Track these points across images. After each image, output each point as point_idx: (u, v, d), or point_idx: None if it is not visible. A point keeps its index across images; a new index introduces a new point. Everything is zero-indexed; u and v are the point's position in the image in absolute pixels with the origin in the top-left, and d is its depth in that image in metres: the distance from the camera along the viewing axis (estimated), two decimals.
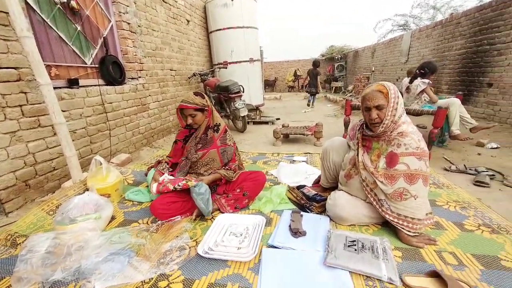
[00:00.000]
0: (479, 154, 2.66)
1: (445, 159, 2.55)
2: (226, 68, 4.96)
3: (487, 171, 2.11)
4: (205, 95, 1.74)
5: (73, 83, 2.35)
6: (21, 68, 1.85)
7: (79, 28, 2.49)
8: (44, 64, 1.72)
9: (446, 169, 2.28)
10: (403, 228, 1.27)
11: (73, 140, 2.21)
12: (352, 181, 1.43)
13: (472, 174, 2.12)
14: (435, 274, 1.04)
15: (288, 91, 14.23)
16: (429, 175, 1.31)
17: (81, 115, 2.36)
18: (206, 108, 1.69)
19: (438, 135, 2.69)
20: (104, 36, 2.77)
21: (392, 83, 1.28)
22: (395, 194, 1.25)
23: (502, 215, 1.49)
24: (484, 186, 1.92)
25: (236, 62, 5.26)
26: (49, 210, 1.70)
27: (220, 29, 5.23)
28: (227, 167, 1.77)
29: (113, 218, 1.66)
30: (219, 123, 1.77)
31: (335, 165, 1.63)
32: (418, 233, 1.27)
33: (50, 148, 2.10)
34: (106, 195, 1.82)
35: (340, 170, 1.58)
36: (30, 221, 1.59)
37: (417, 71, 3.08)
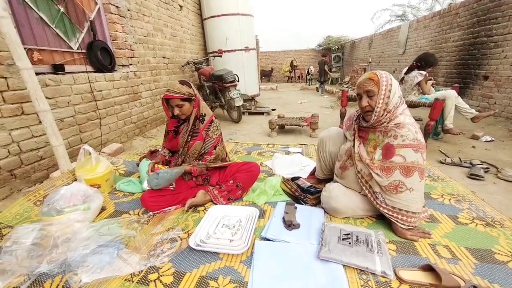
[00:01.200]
0: (473, 147, 2.67)
1: (441, 151, 2.55)
2: (220, 56, 4.83)
3: (481, 164, 2.11)
4: (191, 83, 1.65)
5: (58, 68, 2.23)
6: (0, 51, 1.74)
7: (62, 9, 2.34)
8: (25, 48, 1.62)
9: (441, 162, 2.27)
10: (397, 221, 1.25)
11: (60, 129, 2.13)
12: (348, 172, 1.41)
13: (467, 167, 2.12)
14: (429, 268, 1.03)
15: (289, 81, 14.04)
16: (425, 168, 1.28)
17: (68, 103, 2.26)
18: (193, 97, 1.62)
19: (434, 127, 2.69)
20: (90, 19, 2.62)
21: (388, 73, 1.25)
22: (391, 187, 1.23)
23: (496, 208, 1.49)
24: (479, 179, 1.92)
25: (231, 51, 5.13)
26: (36, 200, 1.64)
27: (214, 16, 5.06)
28: (200, 160, 1.69)
29: (103, 209, 1.61)
30: (205, 114, 1.69)
31: (331, 156, 1.60)
32: (412, 226, 1.26)
33: (36, 137, 2.01)
34: (96, 186, 1.76)
35: (336, 161, 1.55)
36: (16, 212, 1.53)
37: (414, 62, 3.02)
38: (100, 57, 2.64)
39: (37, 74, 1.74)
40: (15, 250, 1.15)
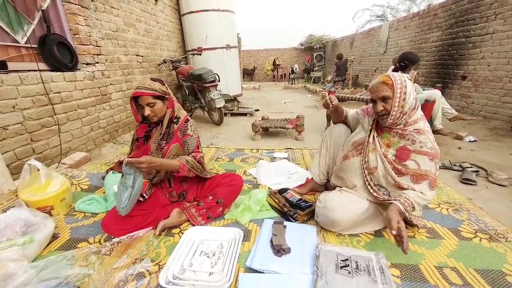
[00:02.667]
0: (459, 148, 2.64)
1: None
2: (200, 55, 4.56)
3: (471, 167, 2.06)
4: (164, 82, 1.43)
5: None
6: None
7: None
8: None
9: None
10: (396, 201, 1.09)
11: (3, 139, 1.79)
12: (347, 162, 1.34)
13: (458, 171, 2.06)
14: None
15: (272, 80, 13.90)
16: (437, 179, 1.20)
17: (14, 107, 1.90)
18: (166, 96, 1.40)
19: None
20: (43, 9, 2.24)
21: (401, 74, 1.16)
22: (396, 185, 1.18)
23: (495, 218, 1.40)
24: (471, 184, 1.85)
25: (211, 49, 4.87)
26: None
27: (193, 11, 4.78)
28: (190, 155, 1.45)
29: (55, 237, 1.33)
30: (179, 116, 1.48)
31: (334, 149, 1.55)
32: (408, 214, 1.11)
33: None
34: (48, 208, 1.48)
35: (336, 155, 1.50)
36: None
37: (397, 64, 2.92)
38: (57, 54, 2.29)
39: None
40: None
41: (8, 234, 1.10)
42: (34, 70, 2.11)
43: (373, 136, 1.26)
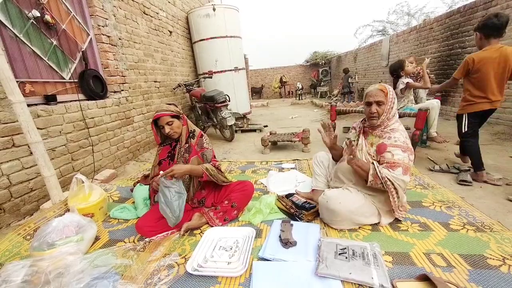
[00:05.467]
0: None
1: (429, 159, 2.62)
2: (211, 77, 4.96)
3: (468, 170, 2.18)
4: (176, 105, 1.73)
5: (50, 99, 2.26)
6: None
7: (55, 42, 2.41)
8: (17, 81, 1.65)
9: (430, 169, 2.34)
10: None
11: (52, 159, 2.12)
12: (343, 163, 1.57)
13: (455, 173, 2.18)
14: (425, 278, 1.05)
15: (280, 97, 14.32)
16: (410, 168, 1.43)
17: (60, 132, 2.27)
18: (180, 115, 1.68)
19: (420, 136, 2.78)
20: (82, 50, 2.70)
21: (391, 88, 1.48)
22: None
23: (485, 213, 1.53)
24: (467, 185, 1.98)
25: (221, 72, 5.27)
26: (26, 234, 1.60)
27: (203, 39, 5.24)
28: (211, 163, 1.71)
29: (97, 238, 1.58)
30: (194, 129, 1.76)
31: (327, 167, 1.85)
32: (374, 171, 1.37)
33: (26, 168, 1.99)
34: (90, 215, 1.74)
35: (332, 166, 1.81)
36: (5, 248, 1.49)
37: (392, 77, 3.20)
38: (92, 85, 2.69)
39: (29, 105, 1.77)
40: None
41: (66, 232, 1.36)
42: (75, 100, 2.50)
43: (362, 139, 1.56)
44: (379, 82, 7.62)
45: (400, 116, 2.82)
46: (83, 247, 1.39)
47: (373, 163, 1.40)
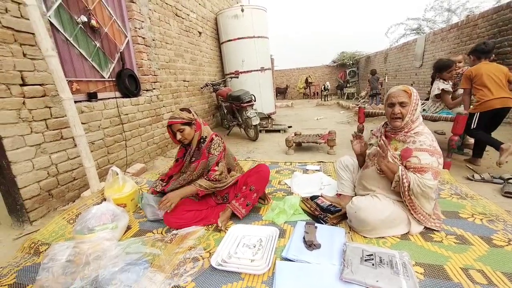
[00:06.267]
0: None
1: (468, 167, 2.42)
2: (237, 77, 5.04)
3: None
4: (191, 110, 1.74)
5: (92, 96, 2.47)
6: (46, 84, 1.97)
7: (98, 44, 2.63)
8: (66, 80, 1.82)
9: (469, 178, 2.16)
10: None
11: (91, 151, 2.30)
12: (367, 170, 1.55)
13: (499, 184, 2.00)
14: None
15: (305, 98, 14.14)
16: (440, 172, 1.35)
17: (99, 127, 2.46)
18: (193, 122, 1.70)
19: (459, 142, 2.57)
20: (120, 51, 2.90)
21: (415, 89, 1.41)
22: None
23: None
24: None
25: (247, 72, 5.34)
26: (70, 218, 1.76)
27: (231, 40, 5.35)
28: (205, 177, 1.72)
29: (128, 228, 1.69)
30: (206, 135, 1.76)
31: (352, 170, 1.77)
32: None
33: (71, 159, 2.20)
34: (122, 205, 1.86)
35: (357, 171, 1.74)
36: (52, 230, 1.65)
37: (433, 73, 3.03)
38: (127, 84, 2.88)
39: (75, 102, 1.94)
40: (52, 267, 1.23)
41: (104, 219, 1.47)
42: (112, 98, 2.70)
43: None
44: (411, 84, 7.28)
45: (435, 120, 2.65)
46: (117, 234, 1.49)
47: (399, 166, 1.34)
